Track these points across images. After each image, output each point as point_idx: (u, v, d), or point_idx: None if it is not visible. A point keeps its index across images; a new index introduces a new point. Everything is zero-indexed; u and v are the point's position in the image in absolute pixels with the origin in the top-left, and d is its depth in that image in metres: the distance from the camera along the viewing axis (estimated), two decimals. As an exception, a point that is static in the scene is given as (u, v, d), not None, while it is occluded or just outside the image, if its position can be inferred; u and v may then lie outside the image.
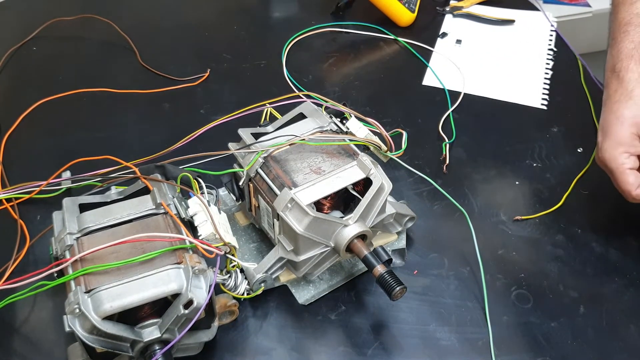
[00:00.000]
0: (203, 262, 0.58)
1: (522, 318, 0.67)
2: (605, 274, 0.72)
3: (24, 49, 1.06)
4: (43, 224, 0.75)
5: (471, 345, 0.65)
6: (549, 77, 1.00)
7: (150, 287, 0.54)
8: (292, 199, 0.61)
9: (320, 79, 1.00)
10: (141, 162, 0.78)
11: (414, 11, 1.10)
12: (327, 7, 1.14)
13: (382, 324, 0.67)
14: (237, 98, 0.96)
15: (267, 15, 1.17)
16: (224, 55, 1.05)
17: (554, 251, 0.74)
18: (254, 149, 0.67)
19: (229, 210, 0.76)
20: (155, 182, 0.66)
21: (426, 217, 0.77)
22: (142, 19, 1.15)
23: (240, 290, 0.65)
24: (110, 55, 1.06)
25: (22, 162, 0.86)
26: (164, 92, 0.97)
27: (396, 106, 0.95)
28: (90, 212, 0.63)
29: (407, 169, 0.74)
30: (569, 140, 0.88)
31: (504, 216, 0.78)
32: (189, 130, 0.75)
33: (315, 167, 0.65)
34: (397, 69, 1.03)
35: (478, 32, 1.11)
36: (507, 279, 0.71)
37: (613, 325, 0.67)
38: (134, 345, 0.56)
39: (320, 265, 0.67)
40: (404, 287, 0.60)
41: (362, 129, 0.69)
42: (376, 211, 0.65)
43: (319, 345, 0.65)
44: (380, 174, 0.64)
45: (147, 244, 0.58)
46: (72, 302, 0.53)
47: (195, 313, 0.55)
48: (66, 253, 0.59)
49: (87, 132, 0.91)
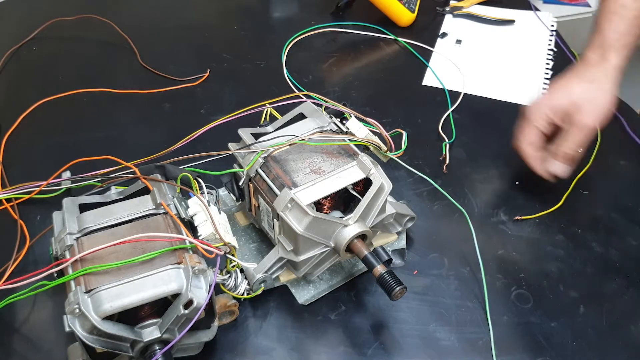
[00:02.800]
0: (203, 262, 0.58)
1: (522, 318, 0.67)
2: (605, 274, 0.72)
3: (24, 49, 1.07)
4: (43, 224, 0.75)
5: (471, 345, 0.65)
6: (549, 77, 1.00)
7: (150, 287, 0.54)
8: (292, 199, 0.61)
9: (320, 79, 1.00)
10: (141, 162, 0.78)
11: (414, 11, 1.10)
12: (327, 7, 1.15)
13: (382, 324, 0.67)
14: (237, 98, 0.96)
15: (267, 16, 1.18)
16: (224, 55, 1.05)
17: (554, 251, 0.74)
18: (254, 149, 0.67)
19: (229, 210, 0.76)
20: (155, 182, 0.66)
21: (426, 217, 0.77)
22: (142, 19, 1.15)
23: (240, 290, 0.65)
24: (110, 55, 1.06)
25: (22, 162, 0.86)
26: (164, 92, 0.97)
27: (396, 106, 0.95)
28: (90, 212, 0.63)
29: (407, 169, 0.74)
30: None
31: (504, 216, 0.78)
32: (189, 130, 0.75)
33: (315, 167, 0.65)
34: (397, 69, 1.03)
35: (478, 32, 1.11)
36: (507, 279, 0.71)
37: (613, 325, 0.67)
38: (134, 345, 0.56)
39: (320, 265, 0.67)
40: (404, 287, 0.60)
41: (362, 129, 0.69)
42: (376, 211, 0.65)
43: (319, 345, 0.65)
44: (380, 174, 0.64)
45: (147, 244, 0.58)
46: (72, 302, 0.53)
47: (195, 313, 0.55)
48: (66, 253, 0.59)
49: (87, 132, 0.91)
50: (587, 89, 0.76)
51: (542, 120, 0.77)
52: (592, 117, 0.75)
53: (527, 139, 0.78)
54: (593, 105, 0.75)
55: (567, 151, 0.75)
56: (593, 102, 0.75)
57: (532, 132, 0.77)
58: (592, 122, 0.75)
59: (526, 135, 0.78)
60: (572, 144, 0.75)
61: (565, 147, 0.75)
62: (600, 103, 0.76)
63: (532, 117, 0.78)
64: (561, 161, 0.76)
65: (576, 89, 0.77)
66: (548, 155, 0.77)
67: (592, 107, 0.75)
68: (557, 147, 0.76)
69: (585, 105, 0.75)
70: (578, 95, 0.76)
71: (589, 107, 0.75)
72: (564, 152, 0.75)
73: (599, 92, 0.76)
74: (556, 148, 0.76)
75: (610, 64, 0.77)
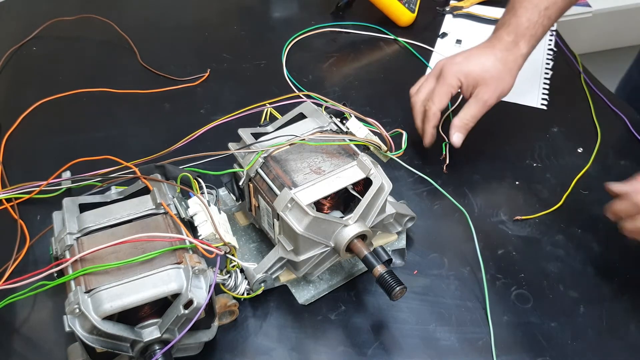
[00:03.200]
0: (203, 262, 0.58)
1: (522, 318, 0.67)
2: (605, 274, 0.72)
3: (24, 49, 1.06)
4: (43, 224, 0.75)
5: (471, 345, 0.65)
6: (549, 77, 1.00)
7: (150, 287, 0.54)
8: (292, 199, 0.61)
9: (320, 79, 1.00)
10: (141, 162, 0.78)
11: (414, 11, 1.10)
12: (327, 7, 1.14)
13: (382, 324, 0.67)
14: (237, 98, 0.96)
15: (267, 15, 1.17)
16: (224, 55, 1.05)
17: (554, 251, 0.74)
18: (254, 149, 0.67)
19: (229, 210, 0.76)
20: (155, 182, 0.66)
21: (426, 217, 0.77)
22: (142, 19, 1.15)
23: (240, 290, 0.65)
24: (110, 55, 1.06)
25: (22, 162, 0.86)
26: (164, 92, 0.97)
27: (396, 106, 0.94)
28: (90, 212, 0.63)
29: (407, 169, 0.74)
30: (568, 140, 0.88)
31: (504, 216, 0.78)
32: (189, 130, 0.75)
33: (315, 167, 0.65)
34: (397, 69, 1.03)
35: (478, 32, 1.11)
36: (507, 279, 0.71)
37: (613, 325, 0.67)
38: (134, 345, 0.56)
39: (320, 265, 0.67)
40: (404, 287, 0.60)
41: (362, 129, 0.69)
42: (376, 211, 0.65)
43: (319, 345, 0.65)
44: (380, 174, 0.64)
45: (147, 244, 0.58)
46: (72, 302, 0.53)
47: (195, 313, 0.55)
48: (66, 253, 0.59)
49: (87, 132, 0.91)
50: (497, 68, 0.79)
51: (455, 82, 0.79)
52: (494, 95, 0.79)
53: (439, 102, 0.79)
54: (497, 83, 0.79)
55: (468, 123, 0.80)
56: (498, 81, 0.79)
57: (444, 95, 0.79)
58: (492, 100, 0.79)
59: (439, 96, 0.79)
60: (470, 117, 0.79)
61: (465, 119, 0.79)
62: (503, 85, 0.80)
63: (448, 80, 0.79)
64: (462, 132, 0.80)
65: (488, 64, 0.79)
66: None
67: (496, 86, 0.79)
68: (458, 118, 0.80)
69: (491, 82, 0.79)
70: (489, 70, 0.79)
71: (494, 84, 0.79)
72: (465, 123, 0.80)
73: (506, 74, 0.80)
74: (457, 119, 0.80)
75: (520, 51, 0.80)
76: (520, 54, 0.81)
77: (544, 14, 0.81)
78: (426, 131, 0.81)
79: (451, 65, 0.80)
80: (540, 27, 0.81)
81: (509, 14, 0.83)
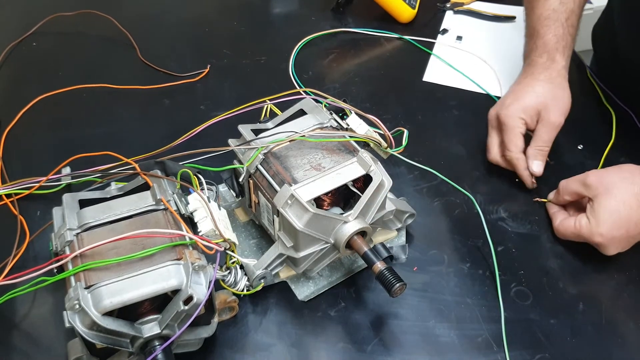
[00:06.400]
0: (203, 258, 0.58)
1: (522, 315, 0.67)
2: (605, 271, 0.72)
3: (23, 45, 1.06)
4: (43, 220, 0.75)
5: (471, 342, 0.65)
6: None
7: (150, 283, 0.54)
8: (292, 196, 0.61)
9: (321, 76, 1.00)
10: (141, 158, 0.78)
11: (415, 7, 1.10)
12: (328, 3, 1.14)
13: (382, 321, 0.67)
14: (237, 94, 0.96)
15: (267, 11, 1.17)
16: (224, 51, 1.05)
17: (554, 248, 0.74)
18: (254, 145, 0.67)
19: (229, 206, 0.76)
20: (155, 178, 0.66)
21: (426, 213, 0.77)
22: (142, 15, 1.15)
23: (240, 286, 0.65)
24: (110, 50, 1.06)
25: (22, 157, 0.86)
26: (164, 88, 0.97)
27: (396, 103, 0.94)
28: (90, 208, 0.63)
29: (407, 164, 0.74)
30: (569, 138, 0.88)
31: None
32: (189, 126, 0.74)
33: (315, 163, 0.65)
34: (398, 65, 1.03)
35: (479, 29, 1.11)
36: (507, 275, 0.71)
37: (612, 322, 0.67)
38: (134, 341, 0.56)
39: (320, 262, 0.67)
40: (403, 284, 0.60)
41: (362, 126, 0.69)
42: (376, 208, 0.65)
43: (318, 341, 0.65)
44: (380, 170, 0.64)
45: (147, 240, 0.58)
46: (72, 298, 0.53)
47: (195, 309, 0.55)
48: (66, 249, 0.59)
49: (87, 128, 0.91)
50: (549, 88, 0.80)
51: (520, 125, 0.79)
52: (558, 113, 0.79)
53: (515, 147, 0.78)
54: (556, 102, 0.79)
55: (543, 149, 0.79)
56: (555, 100, 0.80)
57: (517, 138, 0.79)
58: (559, 119, 0.79)
59: (513, 142, 0.78)
60: (544, 142, 0.79)
61: (539, 146, 0.79)
62: (562, 101, 0.80)
63: (511, 124, 0.79)
64: (540, 159, 0.79)
65: (540, 90, 0.80)
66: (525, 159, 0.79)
67: (556, 105, 0.79)
68: (533, 148, 0.79)
69: (550, 104, 0.79)
70: (542, 94, 0.79)
71: (554, 104, 0.79)
72: (541, 149, 0.79)
73: (560, 90, 0.81)
74: (532, 149, 0.79)
75: (559, 65, 0.82)
76: (561, 67, 0.82)
77: (566, 25, 0.82)
78: (522, 176, 0.80)
79: (505, 110, 0.80)
80: (568, 36, 0.83)
81: (533, 38, 0.84)
